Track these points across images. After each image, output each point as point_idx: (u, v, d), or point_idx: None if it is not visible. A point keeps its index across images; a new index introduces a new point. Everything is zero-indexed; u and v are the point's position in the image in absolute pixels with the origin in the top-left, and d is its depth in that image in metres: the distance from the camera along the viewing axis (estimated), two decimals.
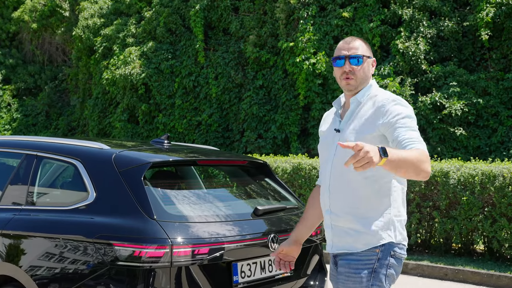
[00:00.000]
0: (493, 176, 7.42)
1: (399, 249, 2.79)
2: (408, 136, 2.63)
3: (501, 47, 11.34)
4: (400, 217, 2.82)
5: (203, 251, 3.43)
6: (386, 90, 2.91)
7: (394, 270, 2.78)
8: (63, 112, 19.15)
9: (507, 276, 6.92)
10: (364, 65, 2.87)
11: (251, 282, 3.70)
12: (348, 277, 2.76)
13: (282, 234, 3.85)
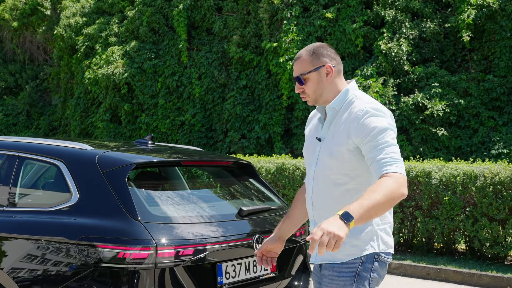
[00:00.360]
0: (474, 176, 7.50)
1: (384, 254, 2.75)
2: (381, 156, 2.55)
3: (482, 49, 11.46)
4: (384, 225, 2.76)
5: (187, 252, 3.42)
6: (365, 94, 2.80)
7: (378, 273, 2.75)
8: (45, 112, 18.98)
9: (488, 275, 7.00)
10: (309, 82, 2.76)
11: (235, 283, 3.70)
12: (332, 279, 2.74)
13: (267, 235, 3.85)
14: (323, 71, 2.76)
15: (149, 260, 3.31)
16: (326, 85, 2.76)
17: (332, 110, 2.77)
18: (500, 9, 10.99)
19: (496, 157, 10.19)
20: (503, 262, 7.65)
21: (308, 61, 2.77)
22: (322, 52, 2.77)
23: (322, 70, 2.75)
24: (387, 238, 2.77)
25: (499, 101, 10.99)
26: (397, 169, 2.53)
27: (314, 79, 2.76)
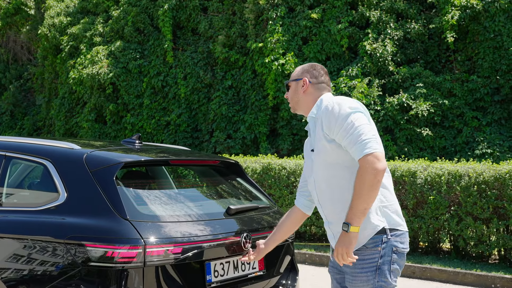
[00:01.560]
0: (459, 175, 7.57)
1: (400, 243, 2.94)
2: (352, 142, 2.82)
3: (466, 49, 11.57)
4: (386, 203, 2.96)
5: (176, 250, 3.42)
6: (330, 97, 3.10)
7: (398, 264, 2.93)
8: (29, 112, 18.83)
9: (472, 274, 7.07)
10: (290, 90, 3.27)
11: (224, 281, 3.70)
12: (355, 276, 2.92)
13: (255, 233, 3.87)
14: (300, 83, 3.21)
15: (137, 259, 3.30)
16: (300, 95, 3.19)
17: (312, 119, 3.13)
18: (484, 10, 11.11)
19: (480, 157, 10.30)
20: (487, 260, 7.73)
21: (295, 73, 3.28)
22: (308, 69, 3.23)
23: (299, 82, 3.21)
24: (395, 216, 2.97)
25: (483, 102, 11.10)
26: (368, 150, 2.78)
27: (293, 88, 3.25)
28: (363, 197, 2.77)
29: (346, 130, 2.83)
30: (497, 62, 10.98)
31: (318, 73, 3.20)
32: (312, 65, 3.25)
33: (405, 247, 2.97)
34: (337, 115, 2.88)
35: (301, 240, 9.37)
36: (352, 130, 2.82)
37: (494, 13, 11.01)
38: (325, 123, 2.93)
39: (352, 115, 2.85)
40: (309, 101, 3.17)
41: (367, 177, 2.75)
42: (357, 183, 2.77)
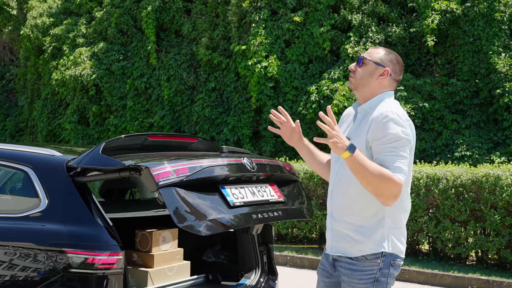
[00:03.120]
0: (437, 179, 7.70)
1: (398, 258, 2.93)
2: (386, 162, 2.72)
3: (446, 53, 11.74)
4: (396, 228, 2.89)
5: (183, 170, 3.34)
6: (397, 104, 2.91)
7: (393, 277, 2.93)
8: (11, 113, 18.72)
9: (450, 275, 7.20)
10: (364, 68, 2.95)
11: (247, 203, 3.58)
12: (352, 286, 2.90)
13: (255, 159, 3.85)
14: (380, 70, 2.93)
15: (117, 265, 3.36)
16: (373, 81, 2.94)
17: (364, 111, 2.96)
18: (463, 14, 11.27)
19: (459, 159, 10.46)
20: (465, 262, 7.88)
21: (380, 54, 2.97)
22: (394, 60, 2.97)
23: (380, 68, 2.93)
24: (399, 243, 2.90)
25: (462, 105, 11.27)
26: (396, 175, 2.69)
27: (369, 69, 2.94)
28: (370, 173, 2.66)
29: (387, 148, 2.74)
30: (476, 65, 11.15)
31: (400, 69, 2.99)
32: (398, 58, 2.99)
33: (401, 262, 2.99)
34: (387, 131, 2.75)
35: (282, 242, 9.45)
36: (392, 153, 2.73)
37: (473, 17, 11.18)
38: (371, 130, 2.80)
39: (402, 140, 2.74)
40: (376, 92, 2.94)
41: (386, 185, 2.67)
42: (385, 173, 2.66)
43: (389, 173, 2.67)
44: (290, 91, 12.36)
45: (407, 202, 2.97)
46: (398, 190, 2.69)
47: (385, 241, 2.86)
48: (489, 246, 7.42)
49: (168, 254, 4.44)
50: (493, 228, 7.38)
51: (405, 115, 2.84)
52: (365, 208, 2.86)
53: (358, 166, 2.68)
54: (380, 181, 2.67)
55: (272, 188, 3.85)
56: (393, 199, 2.71)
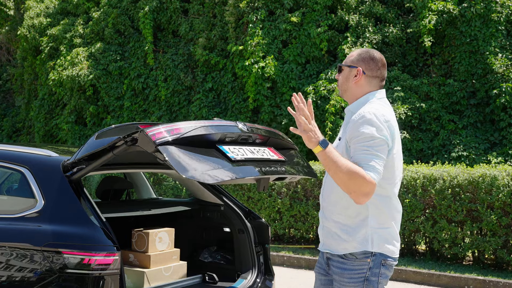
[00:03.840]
0: (434, 179, 7.72)
1: (389, 256, 2.92)
2: (360, 161, 2.72)
3: (443, 54, 11.75)
4: (383, 229, 2.89)
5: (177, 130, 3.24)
6: (381, 103, 2.94)
7: (385, 276, 2.93)
8: (8, 113, 18.70)
9: (447, 275, 7.21)
10: (342, 74, 3.05)
11: (248, 159, 3.42)
12: (342, 285, 2.92)
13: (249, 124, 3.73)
14: (353, 72, 2.99)
15: (114, 266, 3.36)
16: (350, 84, 3.01)
17: (349, 112, 3.01)
18: (460, 15, 11.29)
19: (456, 159, 10.47)
20: (462, 262, 7.89)
21: (353, 56, 3.04)
22: (365, 58, 3.00)
23: (353, 70, 3.00)
24: (385, 243, 2.90)
25: (459, 105, 11.28)
26: (367, 173, 2.69)
27: (345, 74, 3.03)
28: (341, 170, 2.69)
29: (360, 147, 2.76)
30: (473, 66, 11.16)
31: (375, 65, 2.98)
32: (371, 54, 2.99)
33: (394, 261, 2.97)
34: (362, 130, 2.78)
35: (279, 242, 9.46)
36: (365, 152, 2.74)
37: (470, 18, 11.20)
38: (349, 130, 2.86)
39: (376, 140, 2.76)
40: (357, 93, 2.99)
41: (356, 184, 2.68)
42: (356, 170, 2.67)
43: (361, 171, 2.68)
44: (287, 92, 12.36)
45: (396, 202, 2.97)
46: (370, 188, 2.69)
47: (369, 240, 2.86)
48: (485, 246, 7.44)
49: (164, 255, 4.45)
50: (490, 228, 7.40)
51: (384, 116, 2.84)
52: (348, 207, 2.88)
53: (330, 162, 2.71)
54: (350, 178, 2.67)
55: (271, 150, 3.69)
56: (364, 197, 2.70)
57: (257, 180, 3.49)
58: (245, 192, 9.19)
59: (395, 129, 2.89)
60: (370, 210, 2.87)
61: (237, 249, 4.55)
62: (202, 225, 5.05)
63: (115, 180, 5.55)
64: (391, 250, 2.92)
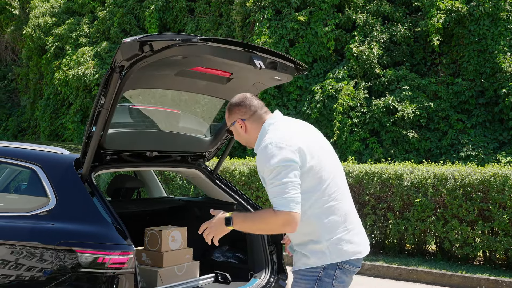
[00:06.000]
0: (445, 178, 7.64)
1: (346, 263, 2.87)
2: (271, 195, 2.76)
3: (451, 53, 11.67)
4: (336, 238, 2.86)
5: None
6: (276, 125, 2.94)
7: (341, 280, 2.88)
8: (13, 113, 18.67)
9: (458, 275, 7.14)
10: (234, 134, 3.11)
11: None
12: (296, 282, 2.93)
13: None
14: (237, 126, 3.05)
15: (128, 265, 3.30)
16: (246, 135, 3.06)
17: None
18: (469, 14, 11.22)
19: (465, 159, 10.40)
20: (473, 262, 7.81)
21: (227, 116, 3.09)
22: (235, 109, 3.04)
23: (236, 125, 3.05)
24: (342, 248, 2.86)
25: (467, 104, 11.20)
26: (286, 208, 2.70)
27: (235, 132, 3.09)
28: (256, 227, 2.89)
29: (268, 181, 2.79)
30: (482, 65, 11.09)
31: (243, 107, 3.02)
32: (233, 102, 3.05)
33: (353, 267, 2.92)
34: (261, 167, 2.84)
35: None
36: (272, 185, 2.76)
37: (478, 16, 11.13)
38: (258, 167, 2.90)
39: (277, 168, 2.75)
40: (254, 135, 3.02)
41: (271, 223, 2.75)
42: (264, 217, 2.76)
43: (268, 211, 2.75)
44: (295, 91, 12.30)
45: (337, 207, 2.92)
46: (285, 218, 2.69)
47: (326, 253, 2.85)
48: (497, 246, 7.36)
49: (177, 254, 4.39)
50: (502, 228, 7.32)
51: (282, 138, 2.81)
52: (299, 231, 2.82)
53: (244, 227, 2.85)
54: (266, 224, 2.76)
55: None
56: (289, 226, 2.71)
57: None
58: (253, 191, 9.13)
59: (304, 140, 2.87)
60: (319, 227, 2.86)
61: (250, 248, 4.49)
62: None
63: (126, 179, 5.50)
64: (348, 251, 2.87)
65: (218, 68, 3.64)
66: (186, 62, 3.46)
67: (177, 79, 3.75)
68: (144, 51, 3.13)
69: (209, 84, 3.92)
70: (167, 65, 3.50)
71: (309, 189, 2.83)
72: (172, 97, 4.37)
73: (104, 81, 3.33)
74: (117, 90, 3.34)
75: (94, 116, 3.45)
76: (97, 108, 3.42)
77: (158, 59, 3.23)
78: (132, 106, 4.26)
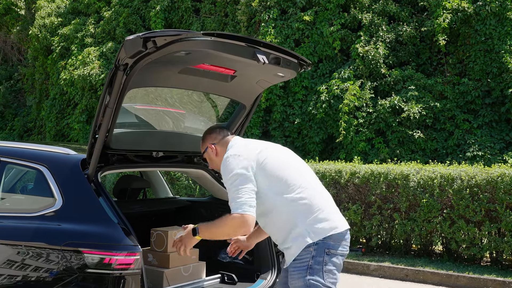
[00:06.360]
0: (451, 179, 7.61)
1: (333, 245, 3.08)
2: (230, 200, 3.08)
3: (457, 52, 11.63)
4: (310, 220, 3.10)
5: None
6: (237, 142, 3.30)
7: (333, 264, 3.08)
8: (19, 113, 18.72)
9: (465, 276, 7.11)
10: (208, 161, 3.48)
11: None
12: (290, 275, 3.12)
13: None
14: (209, 151, 3.42)
15: (135, 266, 3.29)
16: (216, 159, 3.41)
17: None
18: (475, 13, 11.17)
19: (471, 159, 10.35)
20: (479, 263, 7.78)
21: (201, 147, 3.49)
22: (207, 136, 3.44)
23: (208, 150, 3.42)
24: (320, 226, 3.09)
25: (474, 104, 11.16)
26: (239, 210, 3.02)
27: (208, 158, 3.45)
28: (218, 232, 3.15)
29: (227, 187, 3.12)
30: (488, 65, 11.04)
31: (217, 131, 3.43)
32: (208, 130, 3.46)
33: (339, 249, 3.11)
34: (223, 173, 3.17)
35: None
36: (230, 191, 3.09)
37: (485, 16, 11.08)
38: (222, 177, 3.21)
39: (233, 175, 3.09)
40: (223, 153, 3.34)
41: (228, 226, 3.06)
42: (223, 221, 3.07)
43: (226, 216, 3.06)
44: (300, 91, 12.28)
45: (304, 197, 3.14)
46: (239, 220, 3.00)
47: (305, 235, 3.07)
48: (504, 247, 7.32)
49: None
50: (509, 228, 7.28)
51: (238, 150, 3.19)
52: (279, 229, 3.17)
53: (210, 234, 3.20)
54: (227, 227, 3.06)
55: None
56: (243, 227, 3.02)
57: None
58: None
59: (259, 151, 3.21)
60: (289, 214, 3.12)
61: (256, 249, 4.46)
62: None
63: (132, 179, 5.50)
64: (326, 228, 3.08)
65: (221, 65, 3.64)
66: (190, 59, 3.45)
67: (181, 77, 3.74)
68: (148, 48, 3.12)
69: (213, 82, 3.92)
70: (170, 62, 3.49)
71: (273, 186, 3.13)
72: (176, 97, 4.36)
73: (108, 80, 3.32)
74: (121, 88, 3.32)
75: (100, 115, 3.44)
76: (102, 107, 3.40)
77: (162, 56, 3.22)
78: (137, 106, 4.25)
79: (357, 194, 8.47)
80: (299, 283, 3.06)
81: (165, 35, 3.11)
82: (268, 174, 3.15)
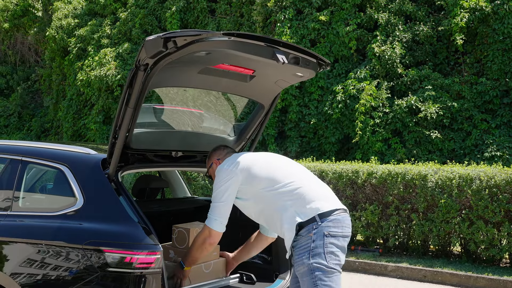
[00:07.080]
0: (470, 179, 7.55)
1: (333, 227, 3.21)
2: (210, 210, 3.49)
3: (475, 52, 11.54)
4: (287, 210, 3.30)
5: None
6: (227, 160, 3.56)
7: (335, 246, 3.20)
8: (36, 114, 18.88)
9: (484, 278, 7.04)
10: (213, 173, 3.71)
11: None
12: (295, 262, 3.24)
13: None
14: (214, 167, 3.70)
15: (156, 265, 3.30)
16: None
17: None
18: (493, 12, 11.08)
19: (489, 159, 10.26)
20: (499, 264, 7.70)
21: (207, 164, 3.82)
22: (212, 153, 3.78)
23: (213, 166, 3.73)
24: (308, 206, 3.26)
25: (492, 104, 11.06)
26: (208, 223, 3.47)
27: (213, 175, 3.69)
28: (194, 251, 3.57)
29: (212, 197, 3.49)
30: (506, 64, 10.94)
31: (221, 148, 3.78)
32: (214, 148, 3.81)
33: (338, 230, 3.23)
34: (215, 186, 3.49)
35: None
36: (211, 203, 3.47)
37: (503, 15, 10.98)
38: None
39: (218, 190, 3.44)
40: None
41: (198, 240, 3.52)
42: (195, 240, 3.54)
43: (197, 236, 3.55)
44: (316, 91, 12.26)
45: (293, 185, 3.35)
46: (206, 234, 3.47)
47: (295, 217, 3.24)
48: None
49: None
50: None
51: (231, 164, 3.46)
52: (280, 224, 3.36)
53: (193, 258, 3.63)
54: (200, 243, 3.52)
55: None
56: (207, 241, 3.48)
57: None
58: None
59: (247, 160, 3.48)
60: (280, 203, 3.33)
61: (275, 249, 4.46)
62: (239, 224, 4.98)
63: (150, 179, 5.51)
64: (313, 208, 3.24)
65: (241, 65, 3.64)
66: (209, 59, 3.45)
67: (200, 77, 3.75)
68: (168, 48, 3.13)
69: (232, 82, 3.93)
70: (190, 63, 3.50)
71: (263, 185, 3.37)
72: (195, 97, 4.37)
73: (129, 80, 3.33)
74: (142, 88, 3.33)
75: (120, 115, 3.45)
76: (122, 107, 3.42)
77: (181, 56, 3.22)
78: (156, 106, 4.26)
79: (374, 195, 8.43)
80: (303, 268, 3.17)
81: (186, 35, 3.12)
82: (258, 176, 3.40)
